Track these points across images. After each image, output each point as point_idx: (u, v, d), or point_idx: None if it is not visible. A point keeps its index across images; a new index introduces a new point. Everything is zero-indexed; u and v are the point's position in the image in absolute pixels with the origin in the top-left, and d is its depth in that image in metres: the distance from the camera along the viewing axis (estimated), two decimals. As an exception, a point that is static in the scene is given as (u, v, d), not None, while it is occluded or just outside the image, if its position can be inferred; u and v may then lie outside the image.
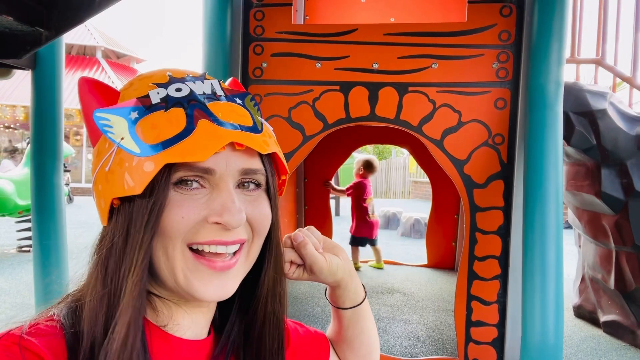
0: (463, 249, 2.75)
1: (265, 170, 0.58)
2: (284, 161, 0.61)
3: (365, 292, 0.77)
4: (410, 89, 2.73)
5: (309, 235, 0.71)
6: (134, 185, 0.48)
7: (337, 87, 2.76)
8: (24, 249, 5.95)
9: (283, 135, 2.80)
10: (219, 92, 0.54)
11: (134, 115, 0.50)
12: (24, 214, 5.69)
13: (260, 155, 0.57)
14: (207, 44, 2.65)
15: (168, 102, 0.50)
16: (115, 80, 18.53)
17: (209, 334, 0.62)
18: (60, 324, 0.49)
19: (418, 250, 6.29)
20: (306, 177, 5.17)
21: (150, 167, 0.48)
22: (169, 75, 0.53)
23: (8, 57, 2.37)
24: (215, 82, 0.55)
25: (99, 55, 19.98)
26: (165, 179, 0.49)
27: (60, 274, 2.65)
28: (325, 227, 5.31)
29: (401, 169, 18.66)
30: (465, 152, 2.70)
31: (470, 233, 2.72)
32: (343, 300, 0.74)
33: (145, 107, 0.50)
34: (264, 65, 2.81)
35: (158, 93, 0.51)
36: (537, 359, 2.17)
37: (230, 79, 0.65)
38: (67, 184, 11.16)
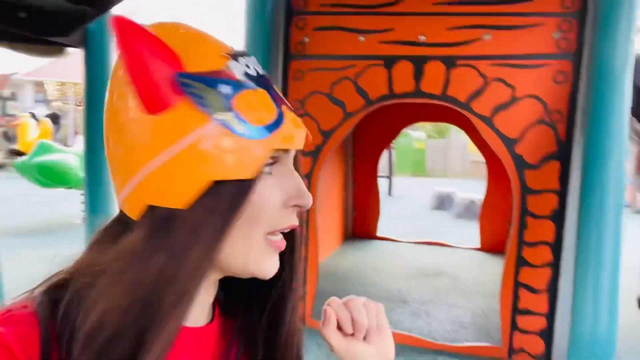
0: (511, 233, 2.59)
1: None
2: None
3: None
4: (459, 62, 2.56)
5: (358, 310, 0.57)
6: (242, 169, 0.44)
7: (381, 62, 2.64)
8: (89, 219, 6.35)
9: (324, 112, 2.73)
10: (262, 72, 0.51)
11: (226, 89, 0.45)
12: (89, 186, 6.05)
13: None
14: (247, 18, 2.62)
15: (253, 81, 0.47)
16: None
17: (212, 319, 0.57)
18: (36, 311, 0.43)
19: (472, 233, 6.07)
20: (354, 155, 5.09)
21: (260, 152, 0.45)
22: (230, 47, 0.49)
23: (57, 36, 2.46)
24: (251, 59, 0.51)
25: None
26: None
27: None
28: (373, 208, 5.23)
29: (460, 147, 18.04)
30: (518, 130, 2.51)
31: (520, 217, 2.55)
32: None
33: (235, 82, 0.45)
34: (306, 40, 2.74)
35: (236, 67, 0.47)
36: (587, 352, 2.02)
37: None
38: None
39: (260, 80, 0.48)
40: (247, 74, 0.47)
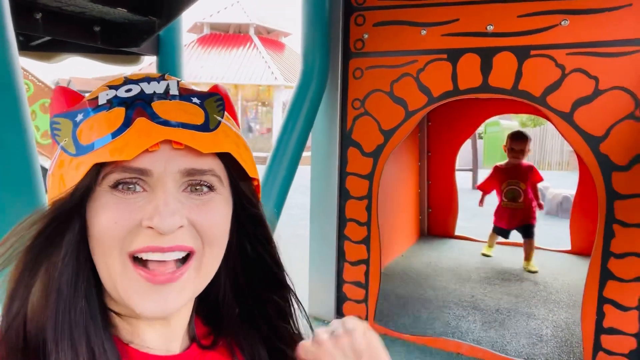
0: (596, 242, 2.32)
1: (227, 170, 0.52)
2: (245, 163, 0.53)
3: None
4: (532, 52, 2.32)
5: (337, 336, 0.53)
6: (66, 187, 0.47)
7: (444, 56, 2.48)
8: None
9: (385, 111, 2.63)
10: (173, 92, 0.50)
11: (80, 117, 0.49)
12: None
13: (220, 157, 0.51)
14: (305, 18, 2.58)
15: (113, 102, 0.48)
16: (265, 55, 19.68)
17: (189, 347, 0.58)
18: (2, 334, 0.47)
19: (563, 233, 5.57)
20: (429, 150, 4.88)
21: (81, 168, 0.46)
22: (124, 78, 0.51)
23: (129, 46, 2.61)
24: (173, 82, 0.51)
25: (251, 32, 21.39)
26: (101, 182, 0.47)
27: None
28: (450, 204, 5.00)
29: (559, 136, 16.65)
30: (603, 127, 2.22)
31: (606, 225, 2.27)
32: None
33: (92, 108, 0.49)
34: (366, 36, 2.65)
35: (107, 94, 0.49)
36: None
37: (212, 85, 0.58)
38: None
39: (127, 100, 0.48)
40: (112, 99, 0.48)
